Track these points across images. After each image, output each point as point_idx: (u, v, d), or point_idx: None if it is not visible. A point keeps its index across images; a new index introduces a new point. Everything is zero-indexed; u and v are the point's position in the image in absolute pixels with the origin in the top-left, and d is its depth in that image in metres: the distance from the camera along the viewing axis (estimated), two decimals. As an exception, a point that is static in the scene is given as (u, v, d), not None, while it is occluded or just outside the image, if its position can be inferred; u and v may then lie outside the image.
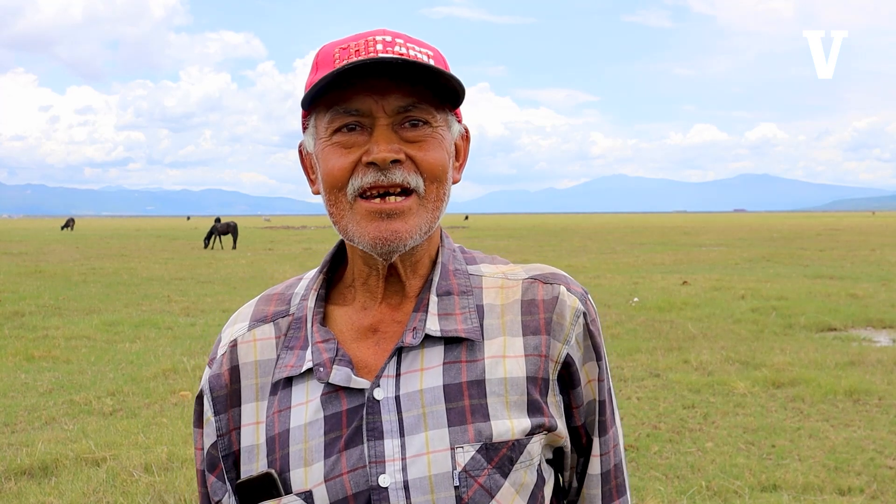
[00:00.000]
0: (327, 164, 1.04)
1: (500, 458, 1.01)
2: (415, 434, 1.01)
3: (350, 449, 1.01)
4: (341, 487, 1.00)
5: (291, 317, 1.12)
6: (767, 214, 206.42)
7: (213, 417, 1.11)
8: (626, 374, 7.57)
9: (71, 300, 13.89)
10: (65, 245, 35.00)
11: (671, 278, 16.79)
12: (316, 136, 1.07)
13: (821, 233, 43.66)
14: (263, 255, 27.86)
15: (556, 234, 45.77)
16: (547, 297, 1.09)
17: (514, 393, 1.04)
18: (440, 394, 1.02)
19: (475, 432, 1.01)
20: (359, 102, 1.02)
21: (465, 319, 1.06)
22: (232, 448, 1.10)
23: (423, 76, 1.01)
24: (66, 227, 55.79)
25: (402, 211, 1.03)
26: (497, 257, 1.18)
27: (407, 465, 1.00)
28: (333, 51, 1.04)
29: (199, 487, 1.17)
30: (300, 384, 1.06)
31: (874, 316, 11.16)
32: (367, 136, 1.03)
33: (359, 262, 1.10)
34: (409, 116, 1.03)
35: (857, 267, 19.60)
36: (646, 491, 4.65)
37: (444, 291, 1.09)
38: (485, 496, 1.00)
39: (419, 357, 1.05)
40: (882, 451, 5.36)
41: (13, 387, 7.33)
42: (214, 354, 1.15)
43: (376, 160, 1.00)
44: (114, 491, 4.69)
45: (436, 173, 1.05)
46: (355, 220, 1.03)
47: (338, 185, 1.04)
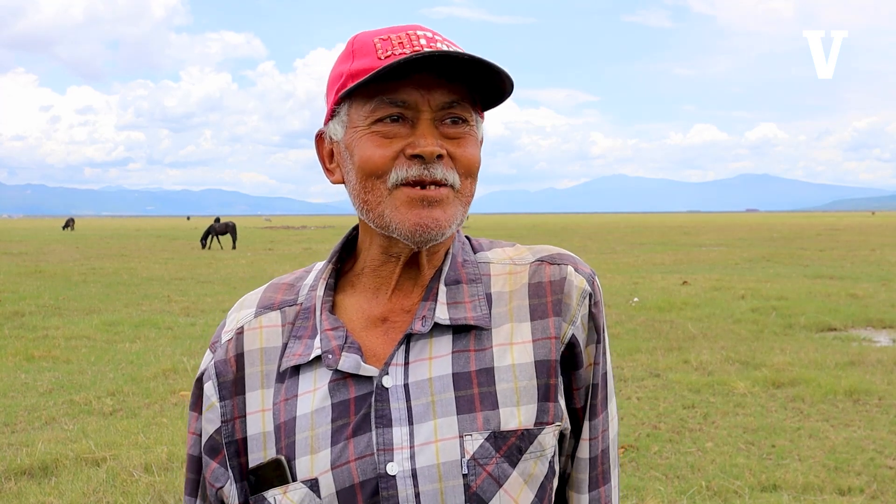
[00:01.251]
0: (366, 151, 1.03)
1: (509, 447, 1.01)
2: (423, 422, 1.01)
3: (358, 436, 1.01)
4: (348, 475, 1.00)
5: (299, 306, 1.12)
6: (767, 214, 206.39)
7: (219, 403, 1.10)
8: (626, 374, 7.57)
9: (71, 300, 13.89)
10: (65, 245, 35.00)
11: (671, 278, 16.79)
12: (349, 124, 1.06)
13: (821, 233, 43.66)
14: (263, 255, 27.86)
15: (556, 234, 45.77)
16: (555, 278, 1.09)
17: (524, 379, 1.04)
18: (449, 382, 1.03)
19: (484, 420, 1.01)
20: (405, 94, 1.01)
21: (475, 307, 1.07)
22: (235, 436, 1.09)
23: (464, 74, 1.02)
24: (67, 227, 55.80)
25: (442, 200, 1.03)
26: (503, 241, 1.18)
27: (415, 452, 1.00)
28: (372, 41, 1.04)
29: (187, 473, 1.14)
30: (307, 372, 1.06)
31: (874, 316, 11.16)
32: (409, 129, 1.03)
33: (375, 251, 1.10)
34: (451, 113, 1.04)
35: (857, 267, 19.60)
36: (646, 491, 4.65)
37: (453, 280, 1.09)
38: (493, 485, 1.00)
39: (428, 345, 1.05)
40: (882, 451, 5.36)
41: (13, 387, 7.33)
42: (218, 338, 1.14)
43: (424, 153, 1.01)
44: (114, 491, 4.69)
45: (471, 170, 1.06)
46: (394, 206, 1.03)
47: (377, 173, 1.03)
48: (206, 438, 1.11)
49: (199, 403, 1.13)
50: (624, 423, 5.99)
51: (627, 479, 4.85)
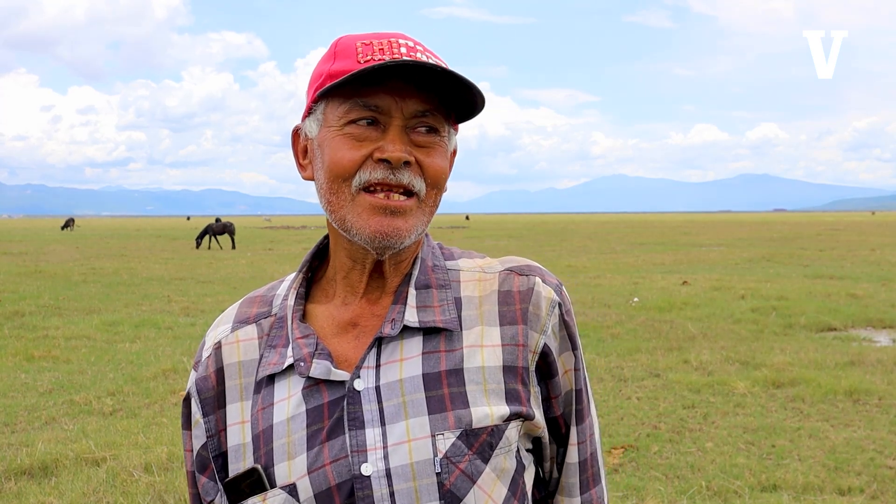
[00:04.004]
0: (336, 153, 1.05)
1: (481, 443, 1.03)
2: (395, 422, 1.03)
3: (332, 440, 1.03)
4: (324, 478, 1.02)
5: (274, 317, 1.14)
6: (768, 214, 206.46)
7: (202, 419, 1.13)
8: (626, 374, 7.57)
9: (71, 300, 13.88)
10: (65, 245, 35.00)
11: (671, 278, 16.79)
12: (324, 123, 1.08)
13: (821, 233, 43.67)
14: (263, 255, 27.86)
15: (556, 234, 45.77)
16: (523, 288, 1.11)
17: (492, 381, 1.06)
18: (419, 382, 1.04)
19: (455, 419, 1.03)
20: (379, 99, 1.03)
21: (444, 311, 1.09)
22: (221, 448, 1.12)
23: (438, 86, 1.04)
24: (66, 228, 55.75)
25: (405, 210, 1.05)
26: (473, 252, 1.20)
27: (389, 453, 1.01)
28: (355, 44, 1.06)
29: (189, 488, 1.19)
30: (282, 381, 1.08)
31: (874, 316, 11.16)
32: (380, 133, 1.04)
33: (342, 256, 1.12)
34: (423, 122, 1.05)
35: (857, 267, 19.60)
36: (646, 491, 4.65)
37: (423, 285, 1.11)
38: (466, 482, 1.02)
39: (398, 348, 1.06)
40: (882, 451, 5.36)
41: (13, 387, 7.33)
42: (199, 357, 1.17)
43: (391, 158, 1.02)
44: (114, 491, 4.69)
45: (438, 180, 1.08)
46: (356, 211, 1.04)
47: (344, 176, 1.05)
48: (195, 455, 1.15)
49: (188, 422, 1.16)
50: (624, 423, 5.99)
51: (627, 479, 4.85)
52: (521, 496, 1.09)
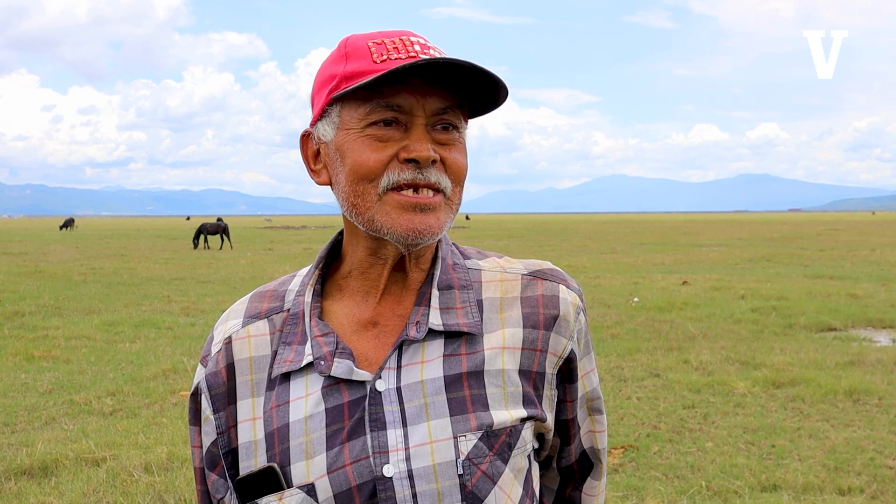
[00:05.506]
0: (360, 155, 1.03)
1: (501, 444, 1.04)
2: (417, 424, 1.03)
3: (353, 440, 1.02)
4: (345, 479, 1.01)
5: (286, 313, 1.13)
6: (768, 214, 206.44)
7: (213, 415, 1.11)
8: (626, 374, 7.57)
9: (71, 300, 13.88)
10: (65, 245, 35.00)
11: (671, 278, 16.79)
12: (341, 125, 1.06)
13: (821, 233, 43.66)
14: (263, 255, 27.85)
15: (556, 234, 45.76)
16: (547, 294, 1.12)
17: (511, 384, 1.07)
18: (441, 384, 1.04)
19: (477, 421, 1.03)
20: (402, 99, 1.02)
21: (467, 314, 1.08)
22: (231, 445, 1.11)
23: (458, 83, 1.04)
24: (65, 227, 55.69)
25: (435, 206, 1.04)
26: (487, 251, 1.20)
27: (411, 454, 1.01)
28: (366, 44, 1.05)
29: (197, 485, 1.17)
30: (298, 378, 1.07)
31: (874, 316, 11.16)
32: (402, 133, 1.03)
33: (362, 254, 1.10)
34: (443, 119, 1.05)
35: (857, 267, 19.60)
36: (646, 491, 4.65)
37: (445, 286, 1.10)
38: (487, 482, 1.03)
39: (420, 350, 1.06)
40: (882, 451, 5.36)
41: (13, 387, 7.33)
42: (208, 352, 1.15)
43: (419, 158, 1.02)
44: (114, 491, 4.69)
45: (461, 176, 1.08)
46: (384, 211, 1.03)
47: (369, 177, 1.03)
48: (205, 451, 1.13)
49: (197, 418, 1.15)
50: (624, 423, 5.99)
51: (627, 479, 4.85)
52: (532, 494, 1.10)
